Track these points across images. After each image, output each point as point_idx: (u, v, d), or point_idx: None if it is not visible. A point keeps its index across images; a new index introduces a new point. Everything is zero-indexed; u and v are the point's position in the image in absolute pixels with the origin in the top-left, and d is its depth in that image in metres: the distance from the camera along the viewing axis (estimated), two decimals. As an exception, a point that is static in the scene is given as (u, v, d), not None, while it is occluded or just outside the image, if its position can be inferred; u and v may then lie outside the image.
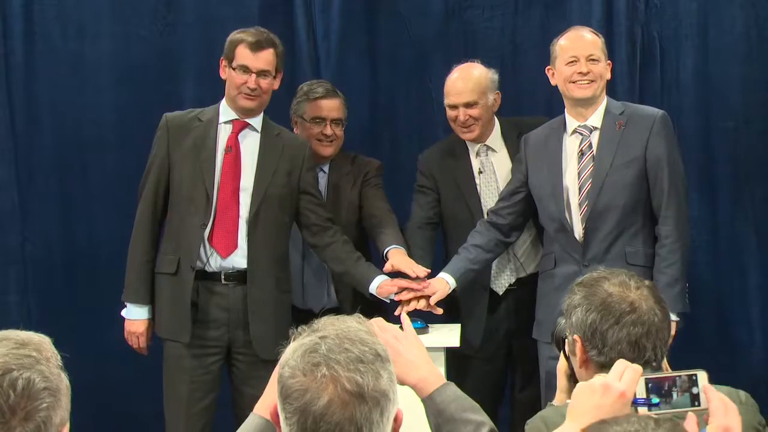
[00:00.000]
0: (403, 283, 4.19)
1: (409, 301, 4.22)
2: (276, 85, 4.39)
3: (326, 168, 4.69)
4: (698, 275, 5.06)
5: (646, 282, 2.56)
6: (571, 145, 4.25)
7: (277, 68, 4.35)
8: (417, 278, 4.22)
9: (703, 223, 5.19)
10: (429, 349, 3.89)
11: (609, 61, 4.31)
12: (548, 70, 4.29)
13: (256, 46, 4.30)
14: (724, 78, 5.18)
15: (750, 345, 5.15)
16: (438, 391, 2.39)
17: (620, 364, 2.11)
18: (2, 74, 5.29)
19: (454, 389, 2.40)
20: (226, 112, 4.38)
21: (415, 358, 2.37)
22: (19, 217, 5.38)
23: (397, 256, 4.31)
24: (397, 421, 1.97)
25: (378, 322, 2.24)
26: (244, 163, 4.35)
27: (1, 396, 1.87)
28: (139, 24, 5.39)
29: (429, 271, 4.24)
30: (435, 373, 2.44)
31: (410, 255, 4.40)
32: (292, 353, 1.97)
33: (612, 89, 4.94)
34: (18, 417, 1.88)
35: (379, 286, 4.20)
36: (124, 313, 4.44)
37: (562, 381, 2.71)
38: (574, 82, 4.18)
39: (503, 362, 4.56)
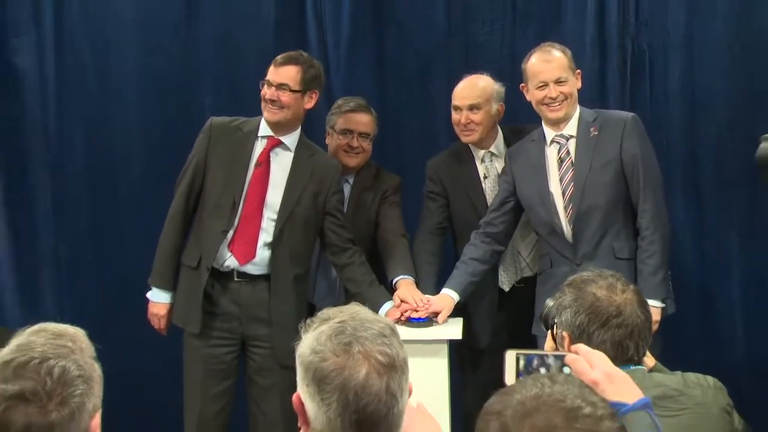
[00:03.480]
0: (408, 308, 4.19)
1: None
2: (307, 104, 4.38)
3: (351, 180, 4.69)
4: (684, 274, 5.05)
5: (631, 286, 2.62)
6: (551, 154, 4.27)
7: (306, 86, 4.33)
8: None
9: (689, 225, 5.19)
10: (432, 342, 3.97)
11: (578, 71, 4.30)
12: (522, 87, 4.30)
13: (279, 63, 4.33)
14: (708, 88, 5.16)
15: (732, 339, 5.15)
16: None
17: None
18: (36, 86, 5.33)
19: None
20: (264, 127, 4.38)
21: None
22: (53, 221, 5.41)
23: (404, 288, 4.33)
24: (409, 387, 2.03)
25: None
26: (273, 180, 4.36)
27: (39, 382, 1.89)
28: (162, 38, 5.41)
29: (431, 304, 4.24)
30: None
31: (418, 267, 4.46)
32: (315, 341, 1.99)
33: (604, 98, 5.03)
34: (54, 402, 1.89)
35: (387, 312, 4.19)
36: (149, 295, 4.50)
37: None
38: (546, 104, 4.19)
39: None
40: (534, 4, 5.25)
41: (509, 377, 2.23)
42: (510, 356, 2.24)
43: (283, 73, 4.30)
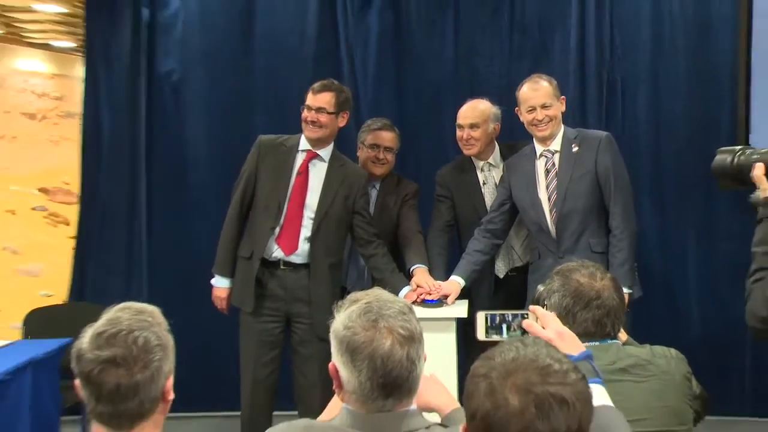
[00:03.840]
0: (422, 291, 4.19)
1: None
2: (340, 123, 4.38)
3: (378, 185, 4.67)
4: (651, 266, 5.10)
5: (608, 274, 2.59)
6: (540, 165, 4.25)
7: (339, 108, 4.34)
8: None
9: (655, 226, 5.24)
10: (442, 319, 4.00)
11: (562, 97, 4.26)
12: (517, 110, 4.25)
13: (317, 90, 4.33)
14: (670, 112, 5.23)
15: (689, 318, 5.20)
16: None
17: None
18: (139, 115, 5.50)
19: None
20: (304, 142, 4.38)
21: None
22: (144, 222, 5.53)
23: (419, 275, 4.32)
24: (424, 356, 2.04)
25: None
26: (311, 186, 4.36)
27: (126, 349, 1.92)
28: (224, 69, 5.47)
29: (441, 289, 4.24)
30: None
31: (431, 258, 4.46)
32: (347, 318, 2.00)
33: (584, 119, 5.05)
34: (138, 366, 1.92)
35: (405, 295, 4.16)
36: (213, 281, 4.51)
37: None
38: (535, 125, 4.18)
39: None
40: (527, 42, 5.29)
41: (480, 332, 2.41)
42: (480, 316, 2.43)
43: (320, 99, 4.31)
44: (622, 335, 2.60)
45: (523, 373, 1.49)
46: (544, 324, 2.14)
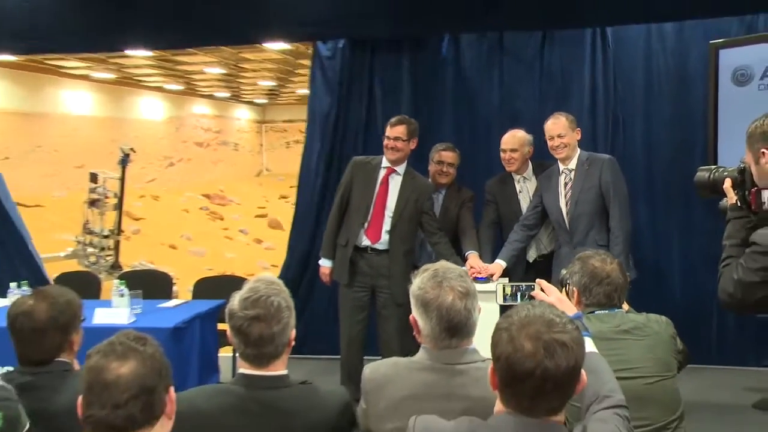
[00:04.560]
0: (474, 271, 4.17)
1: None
2: (412, 146, 4.38)
3: (443, 192, 4.64)
4: (644, 255, 4.99)
5: (616, 260, 2.58)
6: (561, 180, 4.22)
7: (410, 136, 4.34)
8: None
9: (648, 224, 5.13)
10: (489, 292, 3.94)
11: (578, 129, 4.20)
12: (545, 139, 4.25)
13: (393, 123, 4.36)
14: (659, 139, 5.13)
15: (673, 293, 5.10)
16: None
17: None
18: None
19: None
20: (385, 162, 4.38)
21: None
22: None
23: (472, 258, 4.32)
24: (478, 308, 2.03)
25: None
26: (390, 193, 4.36)
27: (265, 309, 1.94)
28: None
29: (489, 269, 4.24)
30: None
31: (481, 246, 4.44)
32: (420, 282, 2.02)
33: (596, 145, 4.96)
34: (274, 321, 1.94)
35: None
36: (320, 262, 4.56)
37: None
38: (554, 150, 4.17)
39: None
40: (552, 88, 5.20)
41: (499, 298, 2.52)
42: (499, 286, 2.53)
43: (396, 130, 4.32)
44: (625, 306, 2.57)
45: (534, 326, 1.52)
46: (548, 293, 2.21)
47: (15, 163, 13.57)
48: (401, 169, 4.40)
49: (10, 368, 2.33)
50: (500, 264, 4.28)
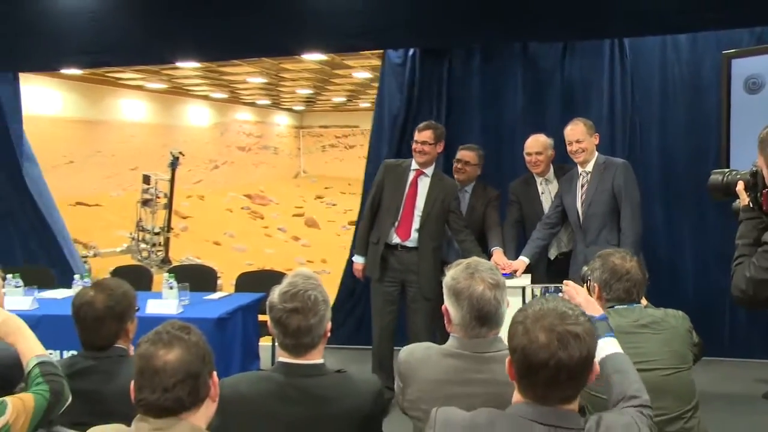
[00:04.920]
0: (499, 267, 4.15)
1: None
2: (438, 149, 4.36)
3: (470, 191, 4.61)
4: (660, 253, 4.96)
5: (635, 257, 2.55)
6: (579, 182, 4.17)
7: (437, 140, 4.32)
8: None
9: (662, 221, 5.06)
10: (513, 287, 3.92)
11: (596, 134, 4.15)
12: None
13: (421, 128, 4.36)
14: (674, 144, 5.06)
15: (686, 287, 5.03)
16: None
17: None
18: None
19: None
20: (414, 164, 4.36)
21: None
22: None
23: (496, 255, 4.28)
24: (507, 301, 2.02)
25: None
26: (419, 194, 4.33)
27: (303, 303, 1.95)
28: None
29: (513, 265, 4.19)
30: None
31: (505, 243, 4.39)
32: (453, 273, 2.01)
33: (614, 149, 4.89)
34: (311, 314, 1.95)
35: None
36: (353, 258, 4.57)
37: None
38: (572, 154, 4.14)
39: None
40: (573, 95, 5.13)
41: (528, 299, 2.41)
42: (528, 288, 2.45)
43: (423, 135, 4.31)
44: (644, 301, 2.53)
45: (548, 318, 1.51)
46: (576, 294, 2.18)
47: (78, 167, 13.84)
48: (429, 171, 4.38)
49: (74, 352, 2.38)
50: (524, 260, 4.24)
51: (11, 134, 5.80)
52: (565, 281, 2.29)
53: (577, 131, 4.12)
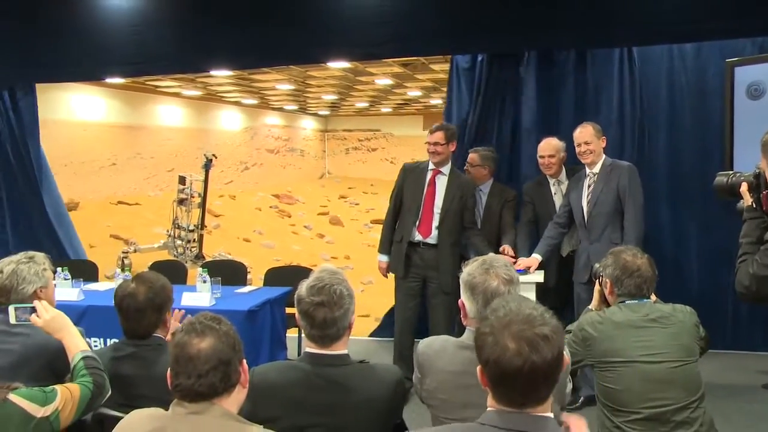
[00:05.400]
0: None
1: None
2: (451, 148, 4.34)
3: (486, 191, 4.57)
4: (665, 250, 4.89)
5: (646, 255, 2.51)
6: (586, 183, 4.13)
7: (448, 140, 4.29)
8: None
9: (668, 220, 5.01)
10: (526, 283, 3.90)
11: (603, 137, 4.10)
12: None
13: (433, 130, 4.33)
14: (680, 147, 5.00)
15: (691, 283, 4.97)
16: None
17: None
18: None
19: None
20: (431, 165, 4.35)
21: None
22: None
23: (509, 253, 4.24)
24: None
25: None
26: (438, 192, 4.31)
27: (329, 296, 1.94)
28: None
29: (527, 262, 4.15)
30: None
31: (520, 242, 4.36)
32: (469, 269, 2.01)
33: (623, 152, 4.81)
34: (336, 306, 1.95)
35: None
36: (378, 257, 4.54)
37: (597, 298, 2.63)
38: (581, 155, 4.10)
39: (565, 293, 4.36)
40: (585, 100, 5.03)
41: None
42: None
43: (435, 136, 4.28)
44: (653, 297, 2.51)
45: (514, 325, 1.41)
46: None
47: (120, 168, 14.03)
48: (446, 169, 4.36)
49: (116, 340, 2.42)
50: (536, 257, 4.21)
51: (29, 144, 5.82)
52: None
53: (584, 133, 4.09)
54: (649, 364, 2.22)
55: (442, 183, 4.34)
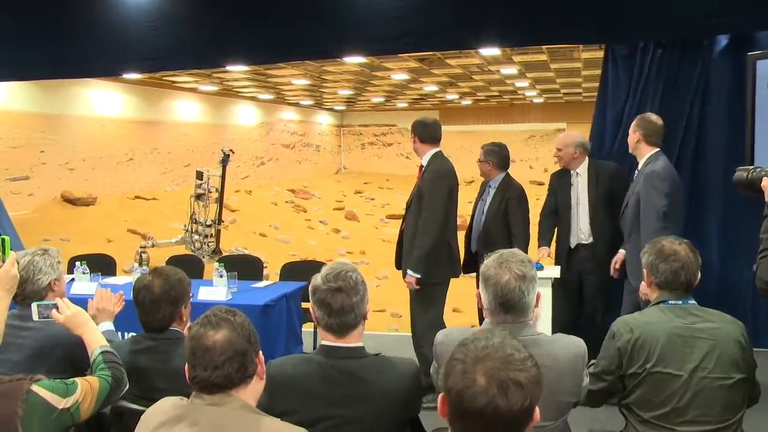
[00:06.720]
0: None
1: None
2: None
3: (495, 186, 4.53)
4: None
5: (686, 241, 2.39)
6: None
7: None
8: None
9: (692, 219, 4.83)
10: (543, 278, 3.86)
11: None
12: None
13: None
14: (701, 142, 4.87)
15: (712, 281, 4.79)
16: None
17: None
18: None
19: None
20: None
21: None
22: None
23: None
24: (538, 297, 2.02)
25: None
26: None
27: (346, 282, 1.98)
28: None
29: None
30: None
31: (542, 227, 4.49)
32: (487, 262, 2.04)
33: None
34: (352, 293, 1.97)
35: None
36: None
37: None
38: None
39: (576, 287, 4.36)
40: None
41: None
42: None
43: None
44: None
45: (490, 360, 1.30)
46: None
47: (137, 163, 14.16)
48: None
49: (134, 334, 2.45)
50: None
51: None
52: None
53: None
54: (691, 378, 2.15)
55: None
